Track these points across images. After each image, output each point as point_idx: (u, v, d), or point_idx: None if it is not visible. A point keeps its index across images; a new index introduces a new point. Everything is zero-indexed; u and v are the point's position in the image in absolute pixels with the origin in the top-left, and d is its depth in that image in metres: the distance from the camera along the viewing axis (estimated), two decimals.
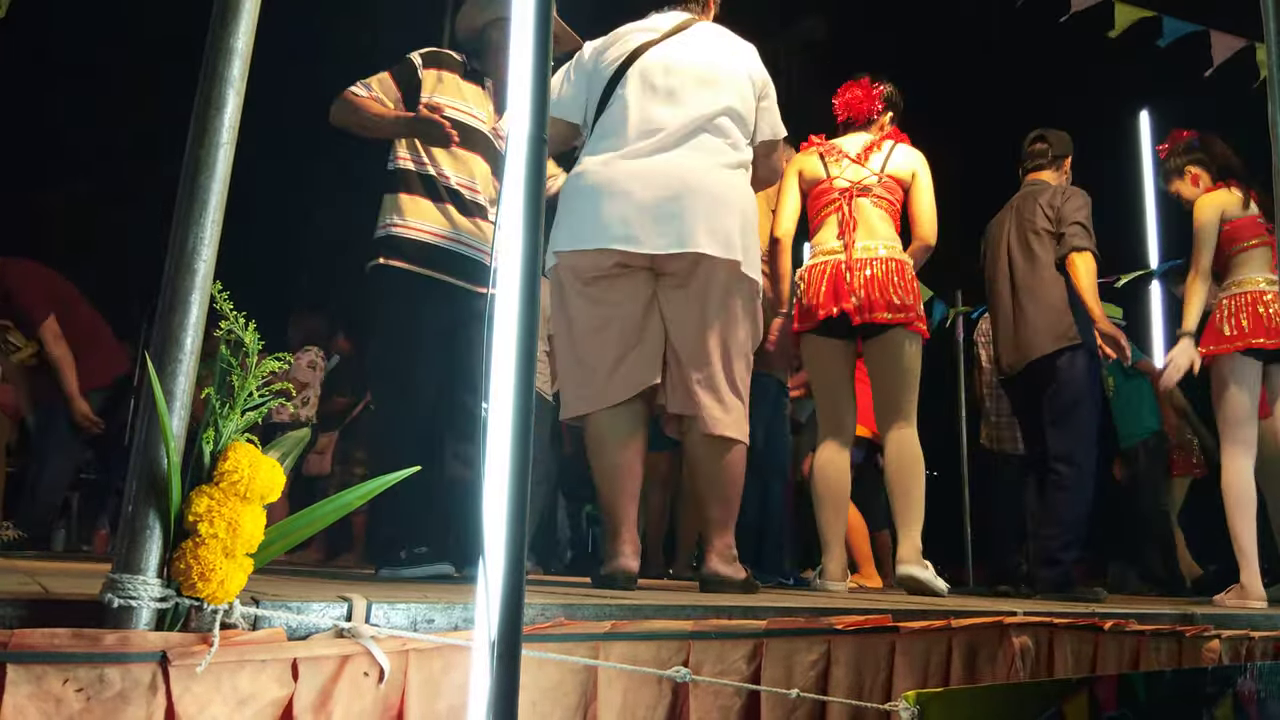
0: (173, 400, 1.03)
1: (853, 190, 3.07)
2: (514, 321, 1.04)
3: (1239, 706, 1.63)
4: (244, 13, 1.13)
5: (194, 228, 1.07)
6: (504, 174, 1.08)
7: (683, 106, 2.33)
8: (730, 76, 2.40)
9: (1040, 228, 3.32)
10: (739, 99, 2.40)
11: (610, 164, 2.30)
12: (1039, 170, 3.52)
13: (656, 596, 1.70)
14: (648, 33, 2.46)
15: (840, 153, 3.17)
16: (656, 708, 1.33)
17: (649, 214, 2.23)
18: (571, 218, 2.31)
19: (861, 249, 2.98)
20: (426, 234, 2.62)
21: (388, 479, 1.20)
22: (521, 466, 1.00)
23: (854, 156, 3.14)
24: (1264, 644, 2.26)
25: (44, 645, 0.90)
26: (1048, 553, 3.13)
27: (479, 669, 0.96)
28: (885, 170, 3.10)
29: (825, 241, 3.07)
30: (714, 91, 2.36)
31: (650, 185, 2.24)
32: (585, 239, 2.26)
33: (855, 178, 3.09)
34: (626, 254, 2.24)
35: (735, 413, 2.32)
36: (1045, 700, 1.38)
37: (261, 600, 1.08)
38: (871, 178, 3.08)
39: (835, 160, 3.15)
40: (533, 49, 1.12)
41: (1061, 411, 3.23)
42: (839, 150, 3.18)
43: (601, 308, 2.30)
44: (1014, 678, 1.73)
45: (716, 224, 2.24)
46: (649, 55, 2.40)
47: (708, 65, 2.39)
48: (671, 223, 2.22)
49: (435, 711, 1.12)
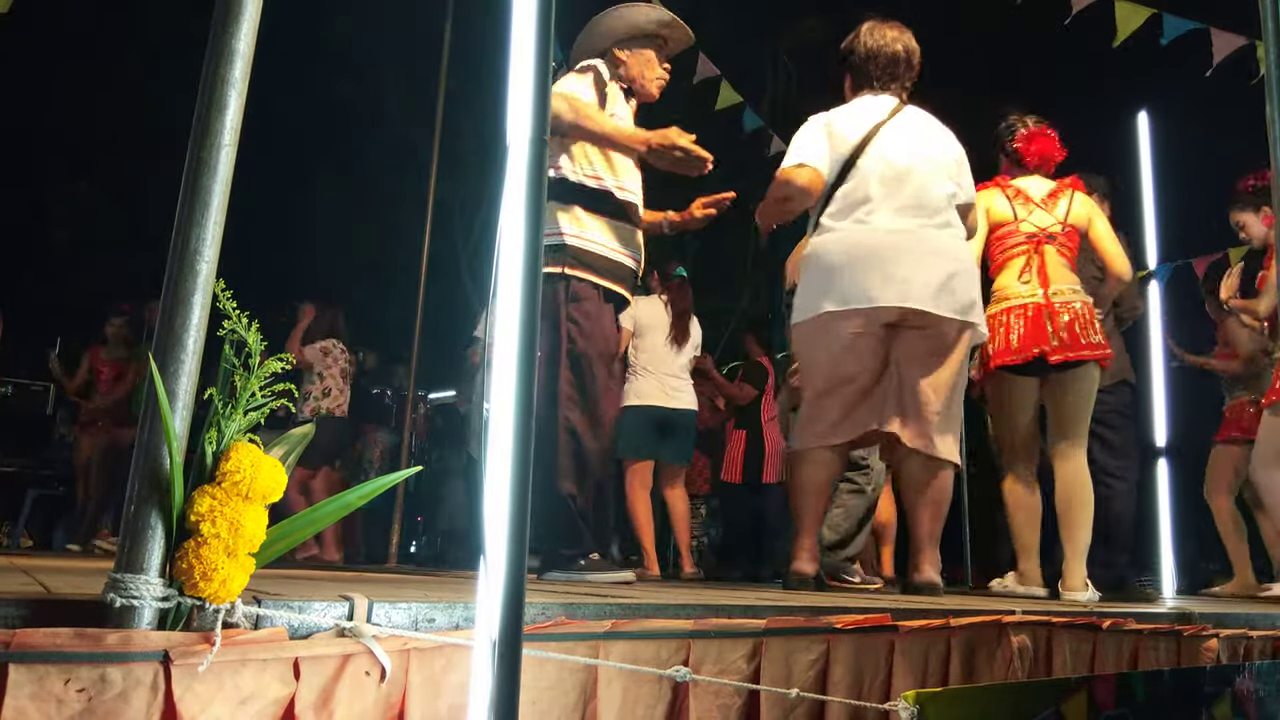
0: (175, 400, 1.03)
1: (1040, 237, 3.23)
2: (514, 322, 1.04)
3: (1237, 705, 1.64)
4: (245, 14, 1.14)
5: (196, 228, 1.07)
6: (504, 175, 1.09)
7: (917, 185, 2.70)
8: (945, 156, 2.82)
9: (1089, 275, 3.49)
10: (951, 176, 2.79)
11: (873, 233, 2.67)
12: None
13: (656, 596, 1.71)
14: (874, 115, 2.80)
15: (1025, 196, 3.30)
16: (656, 707, 1.33)
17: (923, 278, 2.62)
18: (842, 280, 2.66)
19: (1055, 293, 3.16)
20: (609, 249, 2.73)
21: (388, 479, 1.21)
22: (522, 466, 1.00)
23: (1039, 202, 3.28)
24: (1262, 643, 2.27)
25: (46, 645, 0.91)
26: (1101, 557, 3.34)
27: (480, 668, 0.97)
28: (1068, 219, 3.25)
29: (1011, 284, 3.23)
30: (942, 170, 2.77)
31: (917, 255, 2.65)
32: (859, 300, 2.64)
33: (1042, 224, 3.25)
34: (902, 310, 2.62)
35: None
36: (1044, 700, 1.38)
37: (263, 600, 1.08)
38: (1056, 225, 3.24)
39: (1022, 203, 3.28)
40: (533, 49, 1.12)
41: (1112, 435, 3.57)
42: (1024, 194, 3.31)
43: (861, 357, 2.67)
44: (1013, 677, 1.73)
45: (958, 289, 2.66)
46: (883, 136, 2.76)
47: (928, 149, 2.78)
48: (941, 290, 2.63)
49: (436, 710, 1.13)
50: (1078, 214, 3.25)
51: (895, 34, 2.87)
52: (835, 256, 2.69)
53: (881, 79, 2.86)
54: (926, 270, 2.63)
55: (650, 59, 2.93)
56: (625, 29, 2.90)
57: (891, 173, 2.70)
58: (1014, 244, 3.24)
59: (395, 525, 4.60)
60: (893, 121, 2.78)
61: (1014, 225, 3.24)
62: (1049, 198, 3.27)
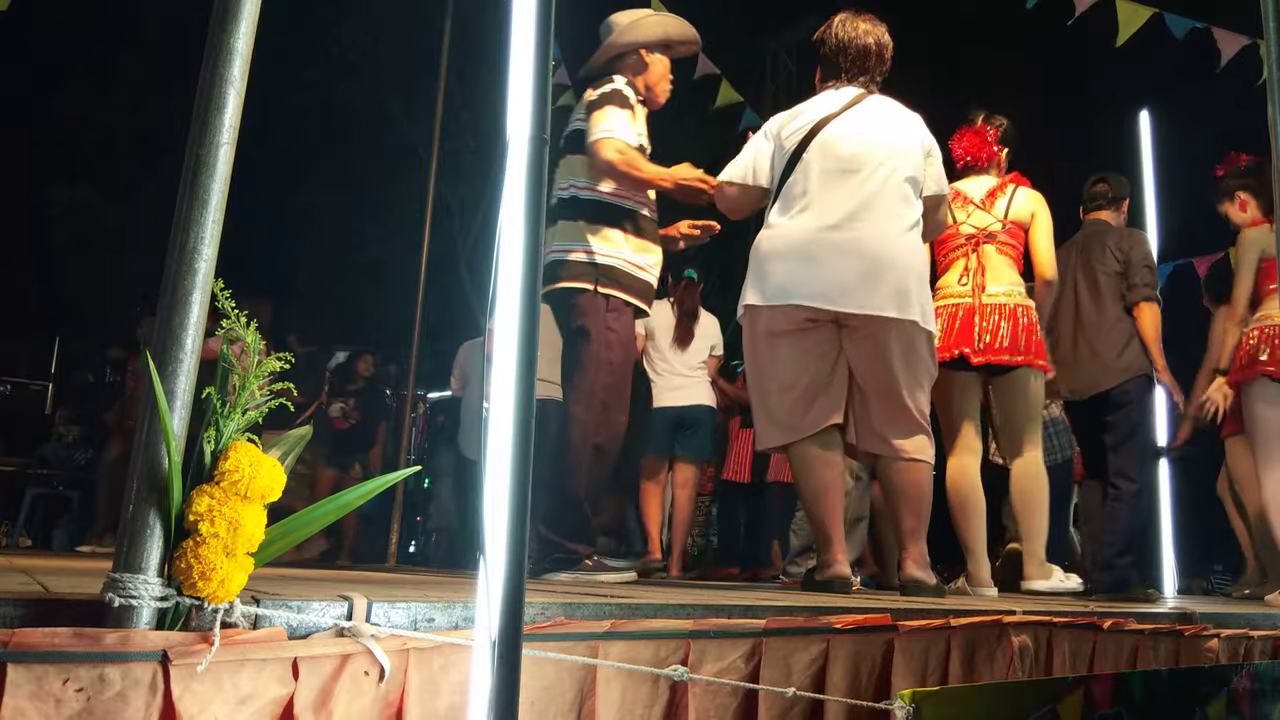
0: (174, 400, 1.03)
1: (979, 237, 3.24)
2: (515, 322, 1.04)
3: (1233, 704, 1.64)
4: (244, 13, 1.14)
5: (195, 227, 1.07)
6: (504, 176, 1.09)
7: (863, 177, 2.62)
8: (904, 145, 2.70)
9: (1111, 270, 3.53)
10: (912, 165, 2.69)
11: (802, 229, 2.63)
12: (1099, 210, 3.73)
13: (656, 596, 1.71)
14: (826, 107, 2.74)
15: (964, 198, 3.31)
16: (654, 706, 1.33)
17: (841, 277, 2.57)
18: (769, 277, 2.65)
19: (989, 295, 3.17)
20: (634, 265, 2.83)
21: (388, 478, 1.21)
22: (522, 466, 1.00)
23: (978, 202, 3.29)
24: (1262, 643, 2.27)
25: (44, 644, 0.91)
26: (1105, 558, 3.37)
27: (480, 668, 0.96)
28: (1009, 216, 3.25)
29: (951, 285, 3.25)
30: (892, 161, 2.65)
31: (841, 252, 2.58)
32: (780, 297, 2.62)
33: (980, 224, 3.27)
34: (818, 310, 2.58)
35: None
36: (1040, 699, 1.38)
37: (262, 599, 1.08)
38: (996, 224, 3.24)
39: (961, 205, 3.29)
40: (533, 49, 1.12)
41: (1124, 435, 3.50)
42: (963, 195, 3.32)
43: (797, 355, 2.63)
44: (1012, 677, 1.73)
45: (897, 287, 2.57)
46: (830, 129, 2.69)
47: (884, 137, 2.68)
48: (860, 287, 2.56)
49: (435, 710, 1.13)
50: (1019, 210, 3.25)
51: (867, 26, 2.82)
52: (764, 253, 2.69)
53: (850, 71, 2.80)
54: (850, 267, 2.57)
55: (667, 67, 3.05)
56: (658, 36, 3.01)
57: (834, 166, 2.65)
58: (954, 245, 3.28)
59: (394, 525, 4.60)
60: (847, 114, 2.71)
61: (954, 228, 3.26)
62: (988, 197, 3.28)
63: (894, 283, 2.57)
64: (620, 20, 3.02)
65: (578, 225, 2.79)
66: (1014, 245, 3.25)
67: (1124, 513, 3.45)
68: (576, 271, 2.75)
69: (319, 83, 10.77)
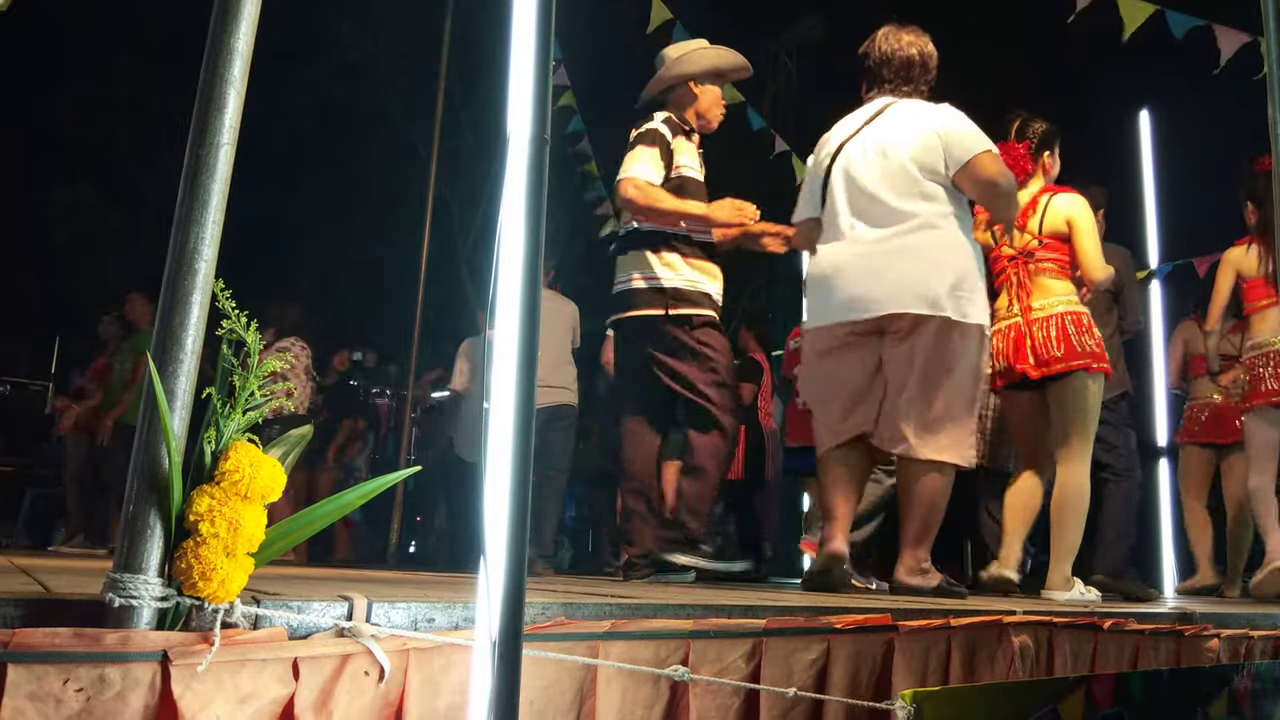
0: (174, 400, 1.03)
1: (1019, 259, 3.26)
2: (515, 323, 1.04)
3: (1233, 704, 1.64)
4: (244, 13, 1.13)
5: (195, 227, 1.07)
6: (504, 176, 1.09)
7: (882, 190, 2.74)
8: (915, 144, 2.74)
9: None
10: (926, 160, 2.73)
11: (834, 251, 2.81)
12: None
13: (656, 595, 1.71)
14: (849, 128, 2.89)
15: None
16: (654, 706, 1.33)
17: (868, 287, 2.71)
18: (812, 301, 2.91)
19: (1036, 312, 3.19)
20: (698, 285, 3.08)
21: (388, 478, 1.21)
22: (522, 466, 1.00)
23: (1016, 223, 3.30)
24: (1263, 643, 2.26)
25: (44, 645, 0.91)
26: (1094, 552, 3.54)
27: (480, 668, 0.96)
28: (1043, 231, 3.23)
29: (1002, 308, 3.29)
30: (907, 164, 2.72)
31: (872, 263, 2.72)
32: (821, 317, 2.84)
33: (1019, 244, 3.28)
34: (853, 323, 2.75)
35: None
36: (1041, 699, 1.38)
37: (262, 599, 1.08)
38: (1034, 242, 3.24)
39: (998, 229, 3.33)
40: (533, 49, 1.12)
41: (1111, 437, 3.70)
42: None
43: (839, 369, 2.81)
44: (1013, 677, 1.73)
45: (922, 284, 2.66)
46: (848, 151, 2.83)
47: (896, 144, 2.75)
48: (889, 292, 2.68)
49: (435, 710, 1.13)
50: (1053, 222, 3.23)
51: (910, 38, 2.90)
52: (809, 278, 2.96)
53: (894, 82, 2.90)
54: (879, 275, 2.70)
55: (718, 95, 3.27)
56: (706, 68, 3.21)
57: (854, 186, 2.80)
58: (999, 269, 3.32)
59: (394, 525, 4.61)
60: (864, 130, 2.83)
61: (997, 250, 3.30)
62: (1022, 216, 3.26)
63: (918, 281, 2.67)
64: (671, 53, 3.23)
65: (641, 255, 3.06)
66: (1055, 258, 3.22)
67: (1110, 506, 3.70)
68: (645, 299, 3.00)
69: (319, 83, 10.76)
